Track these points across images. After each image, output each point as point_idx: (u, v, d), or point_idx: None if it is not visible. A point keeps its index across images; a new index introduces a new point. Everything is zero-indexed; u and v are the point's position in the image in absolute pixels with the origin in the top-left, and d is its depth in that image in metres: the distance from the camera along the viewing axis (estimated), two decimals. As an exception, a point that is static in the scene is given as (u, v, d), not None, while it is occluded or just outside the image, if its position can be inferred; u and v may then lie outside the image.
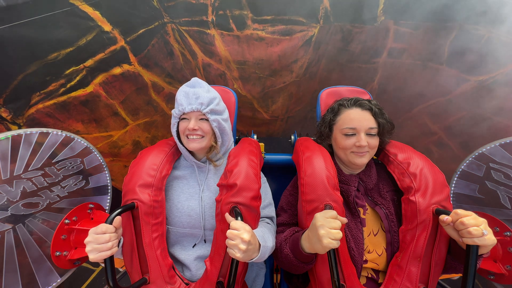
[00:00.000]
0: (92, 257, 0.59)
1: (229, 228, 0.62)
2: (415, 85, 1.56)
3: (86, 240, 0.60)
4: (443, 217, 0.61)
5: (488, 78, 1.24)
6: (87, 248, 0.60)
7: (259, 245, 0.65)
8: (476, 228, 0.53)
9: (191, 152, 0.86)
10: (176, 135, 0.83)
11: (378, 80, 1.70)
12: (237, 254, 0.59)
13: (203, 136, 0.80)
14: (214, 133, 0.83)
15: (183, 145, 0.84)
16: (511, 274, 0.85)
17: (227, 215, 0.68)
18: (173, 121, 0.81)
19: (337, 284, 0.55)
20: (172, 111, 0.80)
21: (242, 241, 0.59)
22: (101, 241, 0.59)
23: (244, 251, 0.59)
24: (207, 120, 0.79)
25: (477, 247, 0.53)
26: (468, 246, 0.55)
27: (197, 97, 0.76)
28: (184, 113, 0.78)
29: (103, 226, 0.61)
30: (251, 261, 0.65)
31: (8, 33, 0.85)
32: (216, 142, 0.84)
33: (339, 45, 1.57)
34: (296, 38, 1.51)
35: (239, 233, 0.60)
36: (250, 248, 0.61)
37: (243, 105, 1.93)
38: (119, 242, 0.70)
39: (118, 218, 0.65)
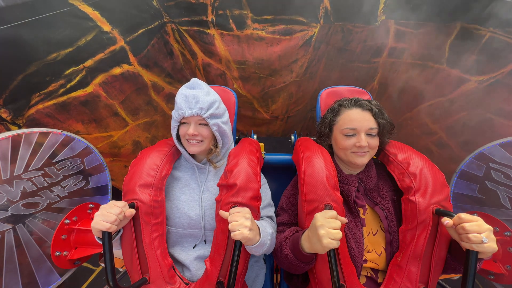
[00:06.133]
0: (95, 220, 0.61)
1: (230, 216, 0.64)
2: (415, 85, 1.56)
3: (96, 213, 0.63)
4: (444, 220, 0.61)
5: (488, 78, 1.24)
6: (95, 218, 0.62)
7: (259, 229, 0.68)
8: (476, 235, 0.53)
9: (191, 154, 0.86)
10: (176, 137, 0.83)
11: (378, 80, 1.70)
12: (244, 231, 0.60)
13: (202, 140, 0.81)
14: (214, 136, 0.83)
15: (183, 147, 0.84)
16: (511, 274, 0.86)
17: (222, 212, 0.68)
18: (173, 124, 0.81)
19: (337, 284, 0.55)
20: (172, 113, 0.80)
21: (245, 218, 0.62)
22: (110, 211, 0.62)
23: (250, 228, 0.61)
24: (207, 124, 0.79)
25: (476, 252, 0.53)
26: (468, 249, 0.55)
27: (196, 101, 0.76)
28: (184, 117, 0.78)
29: (116, 203, 0.66)
30: (255, 245, 0.66)
31: (7, 33, 0.85)
32: (216, 145, 0.84)
33: (339, 45, 1.57)
34: (296, 38, 1.51)
35: (241, 210, 0.64)
36: (253, 227, 0.63)
37: (243, 105, 1.93)
38: (118, 232, 0.71)
39: (132, 210, 0.68)
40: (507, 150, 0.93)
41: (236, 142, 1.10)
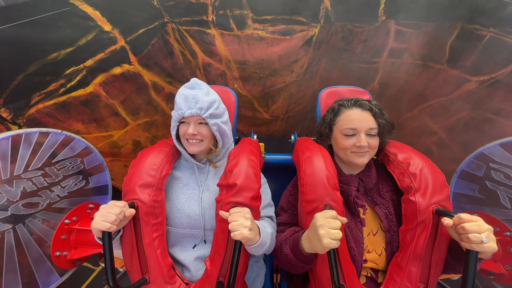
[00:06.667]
0: (95, 220, 0.61)
1: (230, 216, 0.64)
2: (416, 85, 1.56)
3: (96, 213, 0.63)
4: (444, 220, 0.61)
5: (489, 78, 1.24)
6: (95, 218, 0.62)
7: (259, 229, 0.68)
8: (476, 235, 0.53)
9: (191, 154, 0.86)
10: (175, 137, 0.83)
11: (379, 80, 1.70)
12: (244, 231, 0.60)
13: (202, 140, 0.81)
14: (214, 136, 0.83)
15: (183, 147, 0.84)
16: (511, 274, 0.86)
17: (222, 212, 0.69)
18: (173, 124, 0.81)
19: (337, 284, 0.55)
20: (172, 113, 0.80)
21: (245, 218, 0.62)
22: (110, 211, 0.62)
23: (250, 228, 0.61)
24: (206, 124, 0.79)
25: (476, 252, 0.53)
26: (468, 249, 0.55)
27: (196, 101, 0.76)
28: (183, 117, 0.78)
29: (116, 203, 0.65)
30: (255, 245, 0.66)
31: (8, 33, 0.85)
32: (216, 145, 0.84)
33: (340, 45, 1.57)
34: (296, 38, 1.51)
35: (241, 210, 0.64)
36: (253, 227, 0.63)
37: (243, 105, 1.93)
38: (118, 232, 0.71)
39: (132, 210, 0.68)
40: (507, 150, 0.93)
41: (236, 142, 1.10)
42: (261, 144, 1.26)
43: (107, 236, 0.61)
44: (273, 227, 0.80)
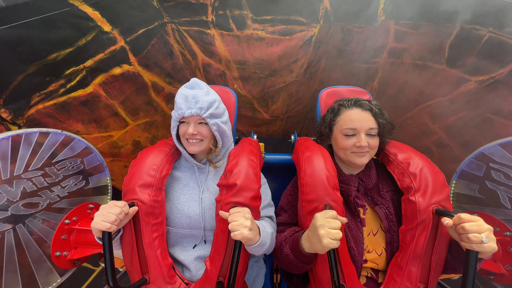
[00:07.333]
0: (95, 220, 0.62)
1: (230, 216, 0.64)
2: (415, 85, 1.56)
3: (96, 213, 0.63)
4: (444, 220, 0.61)
5: (488, 78, 1.24)
6: (95, 218, 0.62)
7: (259, 229, 0.68)
8: (476, 235, 0.53)
9: (191, 154, 0.86)
10: (176, 137, 0.83)
11: (378, 80, 1.70)
12: (244, 231, 0.60)
13: (202, 140, 0.81)
14: (214, 136, 0.83)
15: (183, 147, 0.84)
16: (511, 274, 0.86)
17: (222, 212, 0.69)
18: (173, 124, 0.81)
19: (337, 284, 0.55)
20: (172, 113, 0.81)
21: (245, 218, 0.62)
22: (111, 211, 0.63)
23: (250, 228, 0.61)
24: (206, 124, 0.79)
25: (476, 252, 0.53)
26: (468, 249, 0.55)
27: (196, 101, 0.76)
28: (183, 117, 0.78)
29: (116, 203, 0.66)
30: (255, 245, 0.66)
31: (8, 33, 0.85)
32: (215, 144, 0.84)
33: (339, 45, 1.57)
34: (296, 38, 1.51)
35: (241, 210, 0.64)
36: (253, 227, 0.63)
37: (243, 105, 1.93)
38: (118, 232, 0.71)
39: (134, 208, 0.69)
40: (507, 150, 0.93)
41: (236, 142, 1.10)
42: (261, 144, 1.26)
43: (107, 236, 0.61)
44: (273, 227, 0.80)
